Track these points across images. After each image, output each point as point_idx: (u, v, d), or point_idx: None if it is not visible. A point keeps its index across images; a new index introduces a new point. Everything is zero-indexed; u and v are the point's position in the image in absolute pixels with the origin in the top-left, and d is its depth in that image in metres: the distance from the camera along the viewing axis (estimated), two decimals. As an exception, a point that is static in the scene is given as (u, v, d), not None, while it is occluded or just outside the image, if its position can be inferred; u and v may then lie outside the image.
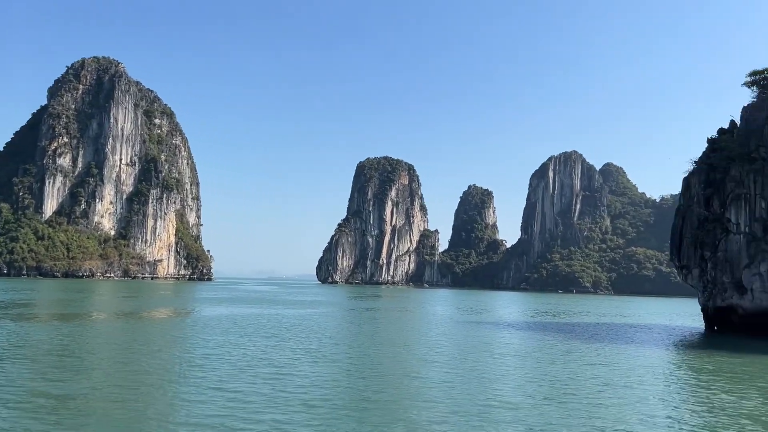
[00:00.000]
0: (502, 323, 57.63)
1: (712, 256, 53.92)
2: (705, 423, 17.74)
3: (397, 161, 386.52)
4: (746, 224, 51.16)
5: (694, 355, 37.24)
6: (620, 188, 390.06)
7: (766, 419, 18.26)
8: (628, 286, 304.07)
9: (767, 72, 54.66)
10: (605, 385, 23.34)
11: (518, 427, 16.33)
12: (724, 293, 52.65)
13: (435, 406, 18.55)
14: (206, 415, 16.49)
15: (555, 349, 35.81)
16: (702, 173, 56.67)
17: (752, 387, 24.21)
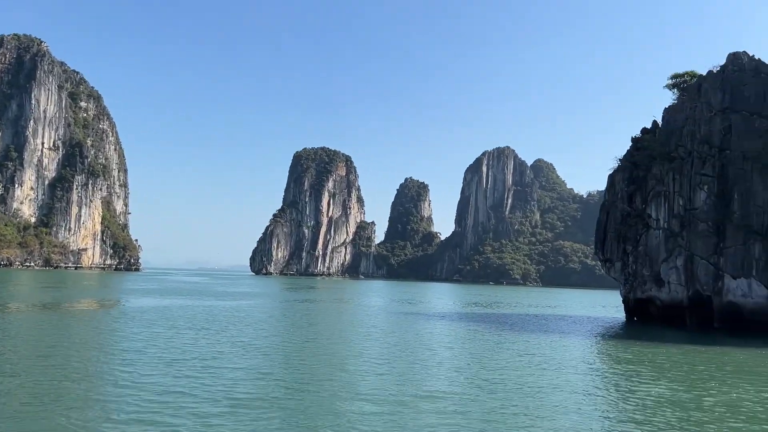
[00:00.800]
0: (436, 314, 58.46)
1: (633, 250, 56.46)
2: (624, 409, 18.53)
3: (334, 152, 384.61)
4: (665, 220, 53.81)
5: (615, 344, 38.93)
6: (550, 184, 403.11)
7: (678, 405, 19.25)
8: (556, 278, 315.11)
9: (687, 75, 57.54)
10: (532, 375, 24.02)
11: (447, 418, 16.54)
12: (643, 285, 55.27)
13: (367, 399, 18.54)
14: (126, 411, 15.85)
15: (485, 340, 36.61)
16: (626, 171, 59.17)
17: (667, 374, 25.50)
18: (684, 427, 16.48)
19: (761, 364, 30.11)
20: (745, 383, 23.91)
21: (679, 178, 53.25)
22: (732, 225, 48.40)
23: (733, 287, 48.00)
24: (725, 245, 48.82)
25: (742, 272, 47.51)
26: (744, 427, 16.78)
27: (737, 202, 48.62)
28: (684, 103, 55.93)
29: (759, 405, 19.73)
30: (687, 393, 21.42)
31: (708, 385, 23.14)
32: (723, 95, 52.03)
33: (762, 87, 50.92)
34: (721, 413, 18.34)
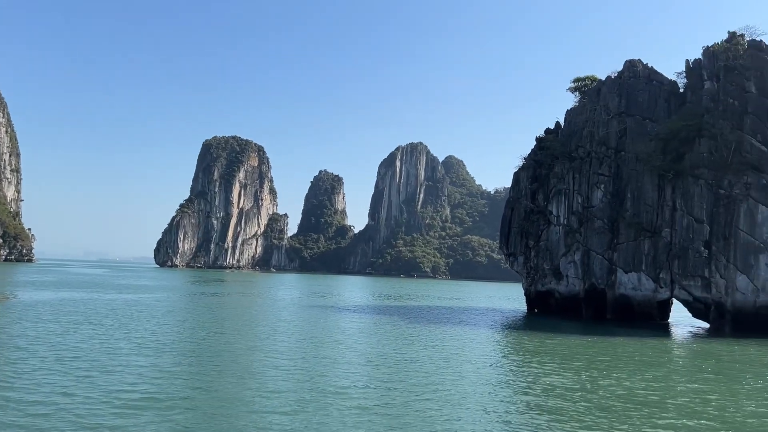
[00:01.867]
0: (346, 307, 58.55)
1: (535, 245, 58.98)
2: (524, 397, 19.28)
3: (246, 142, 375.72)
4: (565, 217, 56.59)
5: (517, 335, 40.55)
6: (460, 180, 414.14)
7: (574, 392, 20.28)
8: (464, 272, 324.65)
9: (588, 80, 60.64)
10: (438, 367, 24.52)
11: (352, 414, 16.54)
12: (544, 279, 57.89)
13: (271, 397, 18.21)
14: (7, 416, 14.72)
15: (394, 333, 37.03)
16: (530, 169, 61.66)
17: (564, 363, 26.82)
18: (581, 413, 17.36)
19: (649, 353, 32.32)
20: (634, 370, 25.56)
21: (578, 177, 56.10)
22: (624, 222, 51.61)
23: (625, 281, 51.25)
24: (618, 241, 52.00)
25: (633, 267, 50.81)
26: (636, 412, 17.90)
27: (629, 201, 51.88)
28: (585, 106, 58.94)
29: (649, 390, 21.13)
30: (583, 380, 22.61)
31: (602, 373, 24.54)
32: (619, 100, 55.28)
33: (654, 93, 54.53)
34: (614, 399, 19.48)
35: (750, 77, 47.71)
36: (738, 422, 17.27)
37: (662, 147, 50.20)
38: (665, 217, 49.73)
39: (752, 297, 44.72)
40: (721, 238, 46.03)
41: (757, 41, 49.01)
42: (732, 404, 19.67)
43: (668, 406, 18.90)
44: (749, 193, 45.36)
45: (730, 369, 27.59)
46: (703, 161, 47.95)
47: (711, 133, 48.09)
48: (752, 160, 45.86)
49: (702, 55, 51.47)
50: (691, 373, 26.71)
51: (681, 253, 48.03)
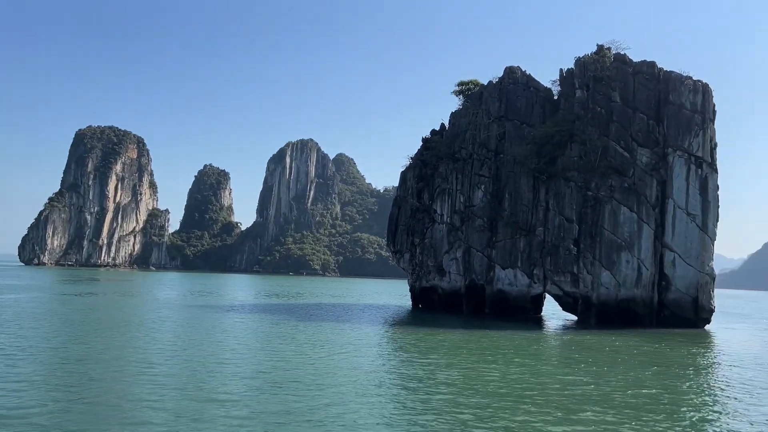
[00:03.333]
0: (232, 307, 56.88)
1: (420, 243, 60.51)
2: (409, 390, 19.63)
3: (124, 132, 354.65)
4: (448, 215, 58.50)
5: (402, 330, 41.36)
6: (350, 178, 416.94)
7: (453, 383, 20.94)
8: (354, 269, 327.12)
9: (471, 84, 63.02)
10: (324, 366, 24.39)
11: (235, 424, 16.00)
12: (428, 275, 59.53)
13: (146, 406, 17.19)
14: None
15: (281, 332, 36.45)
16: (416, 168, 63.14)
17: (445, 356, 27.66)
18: (459, 403, 17.93)
19: (523, 344, 34.14)
20: (510, 360, 26.87)
21: (461, 177, 58.20)
22: (503, 221, 54.21)
23: (502, 277, 53.86)
24: (497, 239, 54.55)
25: (510, 263, 53.51)
26: (512, 399, 18.77)
27: (507, 201, 54.57)
28: (468, 109, 61.22)
29: (522, 378, 22.27)
30: (463, 371, 23.42)
31: (480, 364, 25.56)
32: (499, 104, 57.96)
33: (531, 99, 57.69)
34: (492, 388, 20.33)
35: (615, 88, 51.77)
36: (602, 401, 18.62)
37: (537, 150, 53.23)
38: (539, 217, 52.79)
39: (614, 291, 48.59)
40: (588, 236, 49.62)
41: (622, 54, 53.27)
42: (598, 387, 21.21)
43: (541, 393, 20.02)
44: (613, 195, 49.24)
45: (595, 356, 29.79)
46: (574, 165, 51.40)
47: (581, 138, 51.66)
48: (616, 165, 49.81)
49: (574, 65, 55.14)
50: (560, 361, 28.53)
51: (553, 251, 51.22)
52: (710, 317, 49.68)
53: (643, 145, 49.98)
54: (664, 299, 48.66)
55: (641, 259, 48.30)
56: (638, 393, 21.01)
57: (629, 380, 23.58)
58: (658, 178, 49.24)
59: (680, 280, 48.34)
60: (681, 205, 48.61)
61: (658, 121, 50.39)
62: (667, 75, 51.16)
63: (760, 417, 18.25)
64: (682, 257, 48.34)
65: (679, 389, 22.39)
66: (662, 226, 48.80)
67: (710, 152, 49.58)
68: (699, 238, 48.42)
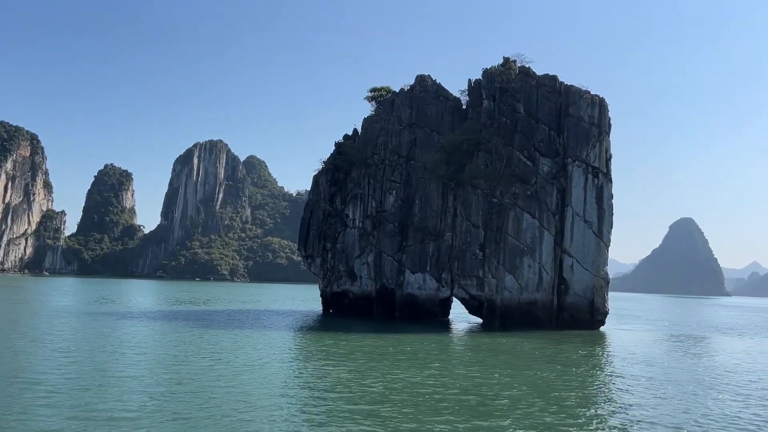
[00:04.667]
0: (133, 314, 54.22)
1: (332, 247, 60.42)
2: (314, 395, 19.47)
3: (15, 128, 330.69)
4: (360, 220, 58.80)
5: (311, 335, 41.07)
6: (262, 181, 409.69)
7: (363, 387, 21.00)
8: (264, 274, 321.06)
9: (383, 90, 63.77)
10: (233, 371, 23.76)
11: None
12: (339, 280, 59.53)
13: (31, 427, 16.04)
14: None
15: (187, 339, 35.16)
16: (329, 173, 63.04)
17: (354, 360, 27.71)
18: (361, 404, 17.99)
19: (432, 347, 34.81)
20: (418, 363, 27.30)
21: (373, 182, 58.71)
22: (413, 226, 55.16)
23: (412, 281, 54.77)
24: (407, 244, 55.44)
25: (419, 268, 54.52)
26: (419, 400, 19.05)
27: (418, 207, 55.59)
28: (380, 115, 61.88)
29: (429, 380, 22.67)
30: (371, 375, 23.53)
31: (388, 367, 25.79)
32: (411, 112, 59.01)
33: (441, 108, 59.12)
34: (399, 390, 20.55)
35: (520, 99, 54.04)
36: (509, 400, 19.30)
37: (446, 158, 54.62)
38: (448, 222, 54.14)
39: (517, 295, 50.60)
40: (494, 242, 51.42)
41: (526, 68, 55.70)
42: (505, 387, 21.97)
43: (447, 393, 20.48)
44: (516, 203, 51.31)
45: (500, 358, 30.86)
46: (480, 172, 53.13)
47: (487, 147, 53.50)
48: (519, 173, 51.96)
49: (482, 76, 57.05)
50: (466, 363, 29.34)
51: (460, 255, 52.66)
52: (604, 319, 52.78)
53: (545, 154, 52.46)
54: (563, 302, 51.20)
55: (542, 263, 50.58)
56: (542, 391, 21.97)
57: (532, 379, 24.62)
58: (559, 187, 51.81)
59: (577, 283, 51.05)
60: (579, 212, 51.39)
61: (558, 133, 53.04)
62: (568, 89, 54.01)
63: (651, 409, 19.61)
64: (580, 262, 51.09)
65: (578, 386, 23.63)
66: (562, 233, 51.37)
67: (605, 163, 52.80)
68: (595, 244, 51.36)
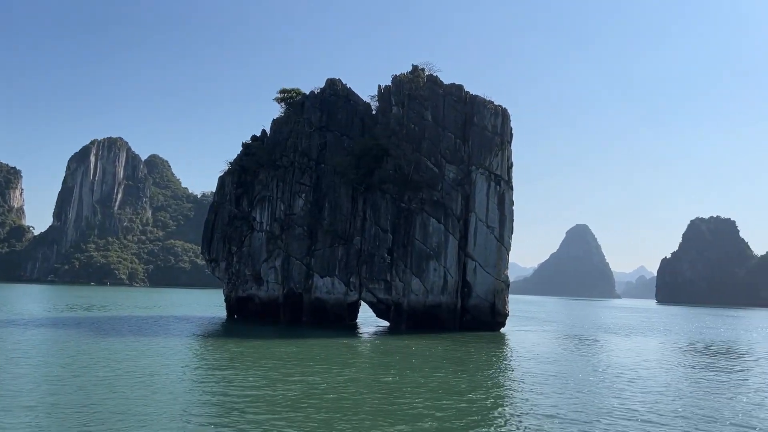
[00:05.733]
0: (20, 322, 50.33)
1: (238, 251, 59.10)
2: (215, 403, 18.96)
3: None
4: (268, 223, 57.91)
5: (214, 342, 39.91)
6: (164, 181, 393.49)
7: (265, 393, 20.69)
8: (165, 278, 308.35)
9: (293, 92, 63.21)
10: (130, 381, 22.67)
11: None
12: (245, 284, 58.32)
13: None
14: None
15: (81, 348, 33.13)
16: (235, 174, 61.63)
17: (258, 366, 27.24)
18: (272, 412, 17.74)
19: (340, 351, 34.84)
20: (326, 367, 27.24)
21: (281, 185, 58.02)
22: (322, 230, 55.02)
23: (320, 285, 54.58)
24: (316, 248, 55.21)
25: (328, 272, 54.43)
26: (326, 405, 19.01)
27: (327, 210, 55.52)
28: (290, 117, 61.27)
29: (334, 384, 22.67)
30: (275, 380, 23.22)
31: (295, 372, 25.56)
32: (321, 115, 58.90)
33: (351, 112, 59.44)
34: (304, 396, 20.40)
35: (428, 107, 55.36)
36: (418, 403, 19.66)
37: (356, 162, 54.95)
38: (357, 226, 54.45)
39: (423, 298, 51.71)
40: (401, 246, 52.29)
41: (434, 76, 57.14)
42: (413, 389, 22.34)
43: (360, 397, 20.58)
44: (423, 208, 52.48)
45: (406, 360, 31.38)
46: (389, 177, 53.89)
47: (396, 153, 54.37)
48: (427, 179, 53.18)
49: (391, 82, 57.91)
50: (374, 366, 29.62)
51: (368, 259, 53.10)
52: (505, 320, 54.97)
53: (451, 162, 54.02)
54: (466, 304, 52.86)
55: (447, 267, 51.99)
56: (456, 392, 22.56)
57: (444, 381, 25.23)
58: (463, 193, 53.49)
59: (480, 286, 52.87)
60: (482, 218, 53.28)
61: (464, 141, 54.79)
62: (473, 98, 55.92)
63: (550, 404, 20.65)
64: (482, 266, 52.95)
65: (488, 386, 24.48)
66: (466, 237, 53.06)
67: (507, 171, 55.09)
68: (496, 249, 53.41)
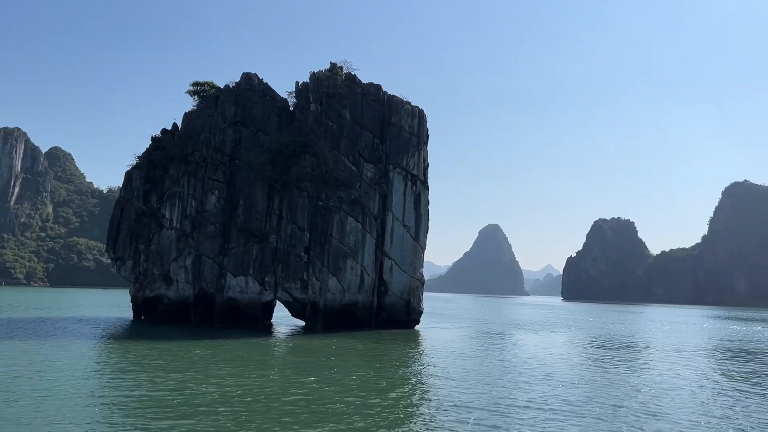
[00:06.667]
0: None
1: (145, 249, 56.47)
2: (134, 409, 17.82)
3: None
4: (178, 220, 55.69)
5: (119, 345, 37.82)
6: (67, 175, 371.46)
7: (174, 397, 19.68)
8: (68, 277, 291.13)
9: (207, 85, 61.09)
10: (25, 387, 20.93)
11: None
12: (153, 284, 55.83)
13: None
14: None
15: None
16: (144, 169, 58.84)
17: (165, 369, 25.96)
18: (185, 417, 16.85)
19: (252, 352, 33.88)
20: (238, 368, 26.34)
21: (193, 181, 55.95)
22: (236, 228, 53.53)
23: (234, 284, 53.08)
24: (229, 246, 53.65)
25: (242, 271, 53.03)
26: (239, 408, 18.27)
27: (242, 208, 54.08)
28: (203, 111, 59.17)
29: (254, 391, 21.92)
30: (190, 385, 22.18)
31: (205, 374, 24.53)
32: (236, 109, 57.26)
33: (267, 107, 58.15)
34: (214, 398, 19.56)
35: (346, 105, 55.07)
36: (337, 403, 19.28)
37: (272, 159, 53.85)
38: (273, 225, 53.37)
39: (340, 297, 51.41)
40: (318, 244, 51.74)
41: (352, 75, 56.93)
42: (332, 388, 21.94)
43: (278, 399, 19.96)
44: (341, 206, 52.17)
45: (324, 359, 30.96)
46: (307, 175, 53.17)
47: (314, 150, 53.73)
48: (345, 178, 52.90)
49: (309, 79, 57.17)
50: (293, 366, 28.99)
51: (284, 258, 52.18)
52: (419, 318, 55.66)
53: (369, 161, 54.03)
54: (383, 303, 53.07)
55: (364, 266, 51.95)
56: (377, 390, 22.36)
57: (363, 379, 24.99)
58: (381, 192, 53.64)
59: (396, 285, 53.24)
60: (398, 217, 53.66)
61: (382, 140, 54.96)
62: (391, 98, 56.20)
63: (467, 397, 20.89)
64: (398, 264, 53.33)
65: (401, 381, 24.45)
66: (383, 236, 53.25)
67: (423, 171, 55.80)
68: (412, 247, 53.96)
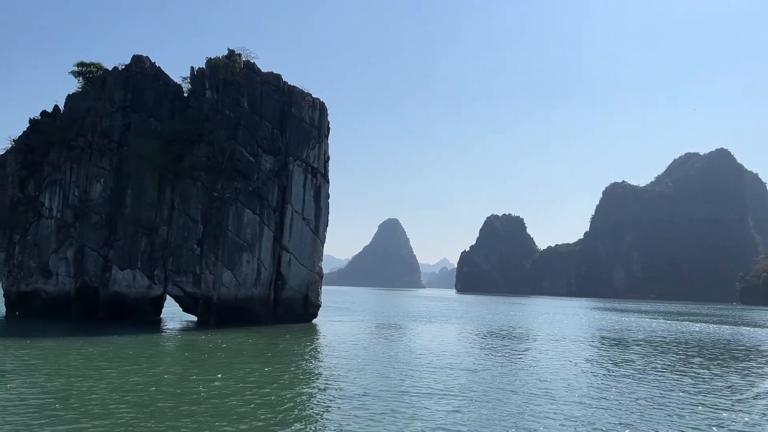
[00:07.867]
0: None
1: (21, 240, 52.35)
2: (10, 415, 16.30)
3: None
4: (59, 210, 52.00)
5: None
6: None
7: (55, 398, 18.28)
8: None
9: (93, 67, 57.28)
10: None
11: None
12: (29, 278, 51.86)
13: None
14: None
15: None
16: (20, 153, 54.38)
17: (40, 369, 24.10)
18: (52, 423, 15.65)
19: (139, 348, 32.22)
20: (124, 366, 24.91)
21: (77, 168, 52.40)
22: (123, 219, 50.68)
23: (120, 278, 50.26)
24: (115, 238, 50.72)
25: (129, 264, 50.30)
26: (124, 407, 17.23)
27: (130, 198, 51.23)
28: (88, 93, 55.46)
29: (148, 390, 20.77)
30: (74, 386, 20.68)
31: (86, 374, 23.00)
32: (125, 94, 54.05)
33: (160, 93, 55.31)
34: (99, 402, 18.36)
35: (244, 94, 53.51)
36: (236, 401, 18.65)
37: (165, 147, 51.42)
38: (164, 216, 50.99)
39: (235, 291, 50.07)
40: (213, 237, 50.05)
41: (251, 63, 55.42)
42: (231, 386, 21.22)
43: (176, 399, 19.02)
44: (238, 198, 50.73)
45: (216, 355, 29.99)
46: (201, 165, 51.23)
47: (209, 139, 51.84)
48: (242, 168, 51.48)
49: (205, 65, 55.03)
50: (186, 364, 27.83)
51: (176, 251, 50.05)
52: (317, 312, 55.44)
53: (268, 152, 52.90)
54: (280, 297, 52.27)
55: (261, 259, 50.91)
56: (268, 383, 21.85)
57: (256, 373, 24.39)
58: (280, 184, 52.73)
59: (294, 279, 52.63)
60: (298, 210, 53.03)
61: (281, 131, 53.98)
62: (291, 89, 55.30)
63: (365, 387, 20.95)
64: (297, 258, 52.74)
65: (299, 375, 24.12)
66: (281, 229, 52.40)
67: (324, 164, 55.49)
68: (311, 241, 53.57)
